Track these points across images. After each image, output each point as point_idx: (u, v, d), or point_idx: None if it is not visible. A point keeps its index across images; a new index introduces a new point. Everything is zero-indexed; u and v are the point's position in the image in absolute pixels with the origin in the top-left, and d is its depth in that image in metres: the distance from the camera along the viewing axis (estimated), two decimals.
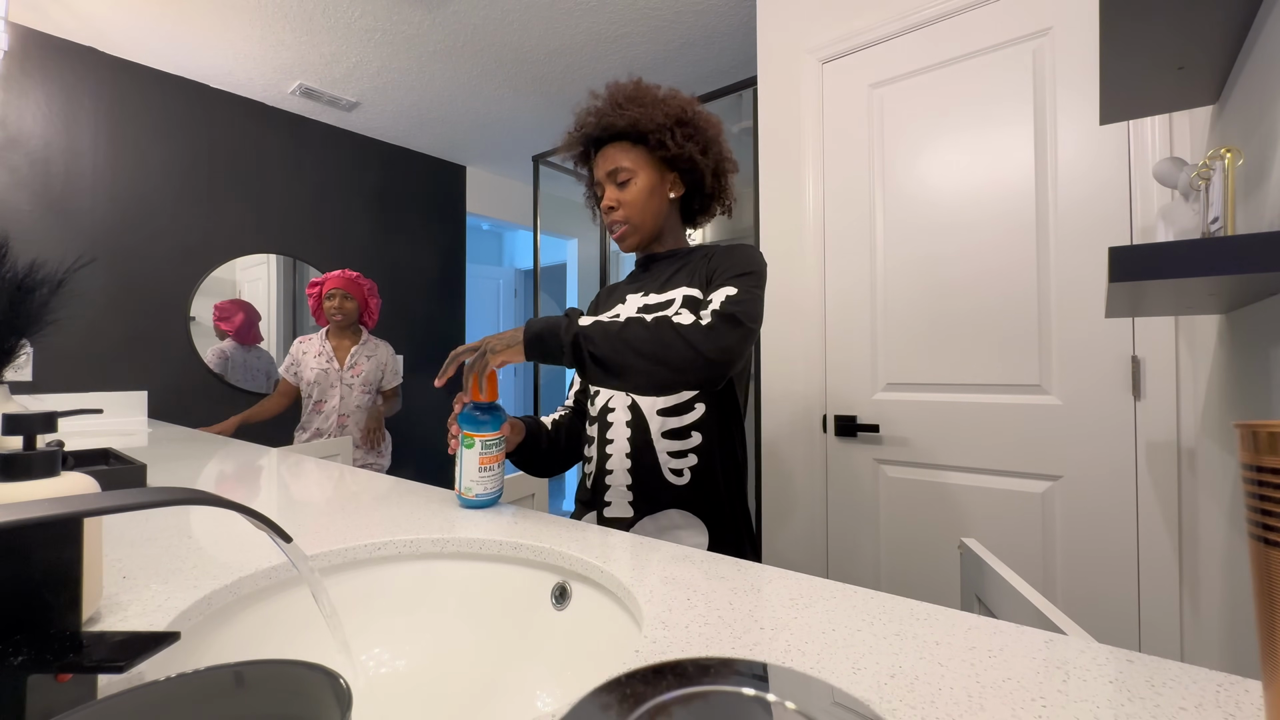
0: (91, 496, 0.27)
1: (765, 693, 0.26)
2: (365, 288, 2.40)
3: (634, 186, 0.93)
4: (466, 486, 0.78)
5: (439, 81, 2.62)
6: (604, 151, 0.96)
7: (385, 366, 2.44)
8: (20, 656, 0.30)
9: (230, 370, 2.77)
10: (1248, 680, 0.36)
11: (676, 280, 0.93)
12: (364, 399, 2.36)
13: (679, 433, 0.89)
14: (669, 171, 0.96)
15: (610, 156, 0.95)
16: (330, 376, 2.32)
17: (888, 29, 1.55)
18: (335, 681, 0.28)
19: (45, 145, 2.25)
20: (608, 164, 0.95)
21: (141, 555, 0.58)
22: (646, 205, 0.94)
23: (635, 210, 0.94)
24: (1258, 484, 0.27)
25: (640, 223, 0.95)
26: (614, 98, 0.94)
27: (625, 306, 0.97)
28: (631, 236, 0.97)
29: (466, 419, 0.78)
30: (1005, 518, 1.37)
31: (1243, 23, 0.73)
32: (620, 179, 0.94)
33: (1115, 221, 1.26)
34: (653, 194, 0.95)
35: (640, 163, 0.93)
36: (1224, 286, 0.63)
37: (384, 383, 2.44)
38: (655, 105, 0.92)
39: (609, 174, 0.95)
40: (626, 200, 0.94)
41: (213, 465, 1.20)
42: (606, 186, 0.96)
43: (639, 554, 0.60)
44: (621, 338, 0.74)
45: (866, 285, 1.59)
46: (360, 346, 2.39)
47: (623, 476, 0.91)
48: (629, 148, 0.94)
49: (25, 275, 1.12)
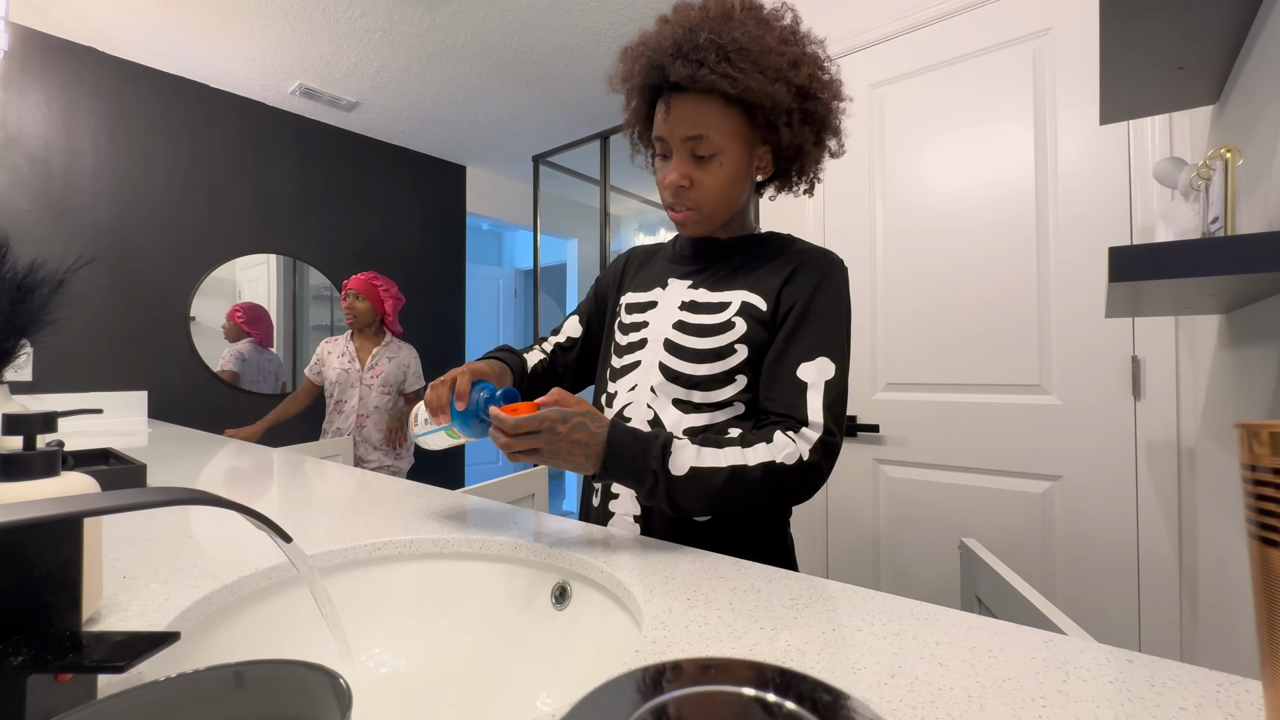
0: (91, 496, 0.27)
1: (766, 693, 0.26)
2: (380, 287, 2.39)
3: (718, 167, 0.70)
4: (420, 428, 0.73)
5: (439, 81, 2.62)
6: (683, 102, 0.68)
7: (407, 369, 2.43)
8: (20, 656, 0.30)
9: (246, 371, 2.79)
10: (1248, 680, 0.36)
11: (737, 279, 0.76)
12: (384, 400, 2.37)
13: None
14: (761, 145, 0.73)
15: (692, 115, 0.68)
16: (351, 376, 2.36)
17: (888, 29, 1.55)
18: (335, 681, 0.28)
19: (45, 145, 2.25)
20: (687, 124, 0.69)
21: (141, 555, 0.58)
22: (728, 193, 0.72)
23: (713, 197, 0.72)
24: (1258, 484, 0.27)
25: (714, 212, 0.74)
26: (718, 37, 0.66)
27: (666, 294, 0.80)
28: (698, 225, 0.75)
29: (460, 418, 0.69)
30: (1005, 518, 1.37)
31: (1242, 23, 0.73)
32: (700, 151, 0.69)
33: (1115, 221, 1.26)
34: (738, 180, 0.72)
35: (731, 135, 0.69)
36: (1224, 286, 0.63)
37: (406, 385, 2.44)
38: (779, 73, 0.67)
39: (686, 139, 0.70)
40: (704, 183, 0.71)
41: (213, 465, 1.20)
42: (677, 153, 0.71)
43: (639, 554, 0.60)
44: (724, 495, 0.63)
45: (866, 285, 1.59)
46: (382, 348, 2.41)
47: (630, 504, 0.74)
48: (721, 110, 0.68)
49: (25, 275, 1.12)
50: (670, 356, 0.75)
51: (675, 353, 0.75)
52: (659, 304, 0.79)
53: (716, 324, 0.73)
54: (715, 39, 0.66)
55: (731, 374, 0.72)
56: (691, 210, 0.73)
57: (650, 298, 0.81)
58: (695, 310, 0.75)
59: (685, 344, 0.74)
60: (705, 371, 0.72)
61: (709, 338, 0.73)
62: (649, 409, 0.75)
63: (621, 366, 0.81)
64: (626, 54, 0.74)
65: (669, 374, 0.74)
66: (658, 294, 0.80)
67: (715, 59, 0.65)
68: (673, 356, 0.75)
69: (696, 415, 0.72)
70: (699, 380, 0.73)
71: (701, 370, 0.73)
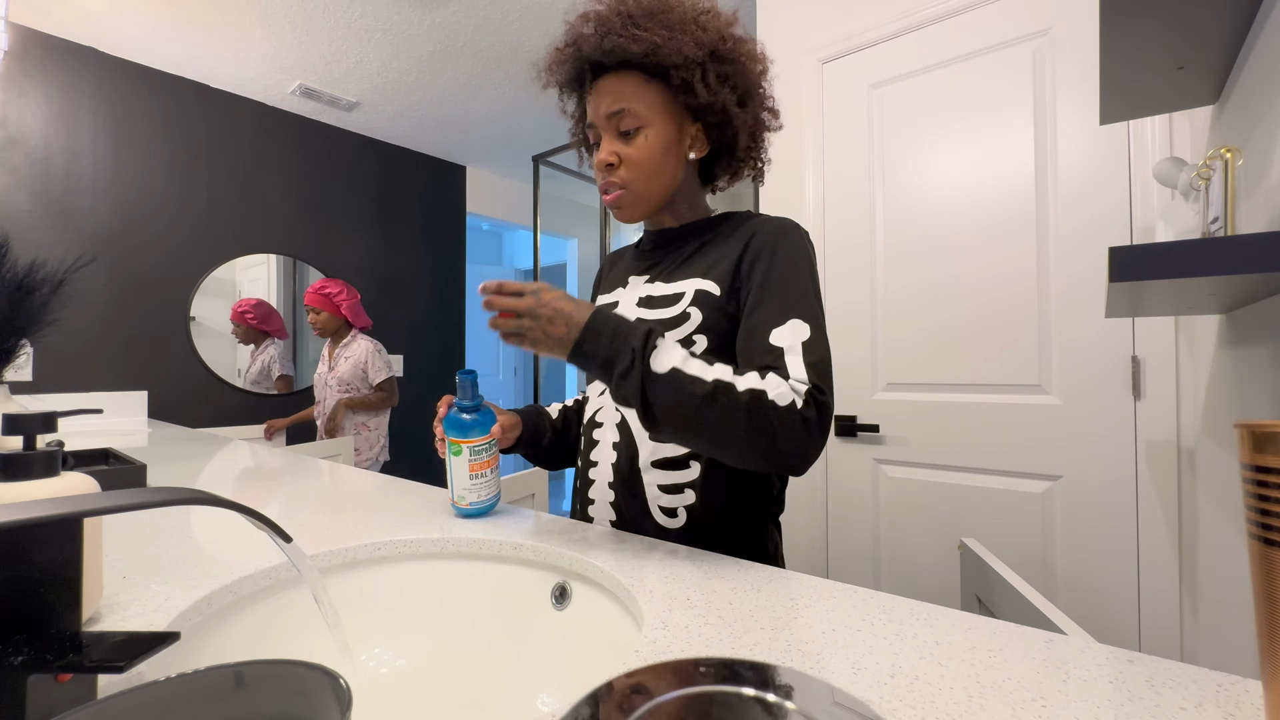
0: (91, 496, 0.27)
1: (765, 693, 0.26)
2: (332, 293, 2.39)
3: (642, 141, 0.70)
4: (459, 495, 0.72)
5: (439, 81, 2.62)
6: (604, 81, 0.71)
7: (364, 364, 2.40)
8: (20, 656, 0.30)
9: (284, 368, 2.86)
10: (1248, 680, 0.36)
11: (691, 267, 0.73)
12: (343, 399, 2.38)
13: (672, 462, 0.70)
14: (691, 123, 0.73)
15: (613, 91, 0.70)
16: (322, 379, 2.43)
17: (888, 29, 1.55)
18: (335, 681, 0.28)
19: (45, 145, 2.25)
20: (609, 101, 0.70)
21: (141, 555, 0.58)
22: (657, 168, 0.71)
23: (641, 173, 0.71)
24: (1258, 484, 0.27)
25: (646, 190, 0.72)
26: (623, 5, 0.69)
27: (627, 291, 0.78)
28: (631, 207, 0.73)
29: (452, 424, 0.71)
30: (1005, 518, 1.37)
31: (1243, 23, 0.73)
32: (624, 126, 0.70)
33: (1115, 221, 1.26)
34: (666, 153, 0.71)
35: (655, 108, 0.70)
36: (1224, 286, 0.63)
37: (370, 378, 2.41)
38: (684, 29, 0.68)
39: (609, 116, 0.70)
40: (631, 158, 0.70)
41: (213, 465, 1.20)
42: (605, 133, 0.72)
43: (639, 554, 0.60)
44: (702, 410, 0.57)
45: (866, 285, 1.59)
46: (341, 348, 2.42)
47: (605, 510, 0.74)
48: (642, 84, 0.69)
49: (25, 275, 1.12)
50: None
51: None
52: (619, 304, 0.78)
53: (671, 318, 0.71)
54: (620, 7, 0.69)
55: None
56: (622, 190, 0.72)
57: (613, 298, 0.80)
58: (651, 305, 0.73)
59: None
60: None
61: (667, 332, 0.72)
62: (617, 412, 0.74)
63: None
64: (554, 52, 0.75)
65: None
66: (619, 294, 0.79)
67: (621, 25, 0.68)
68: None
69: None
70: None
71: None
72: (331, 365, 2.41)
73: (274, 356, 2.83)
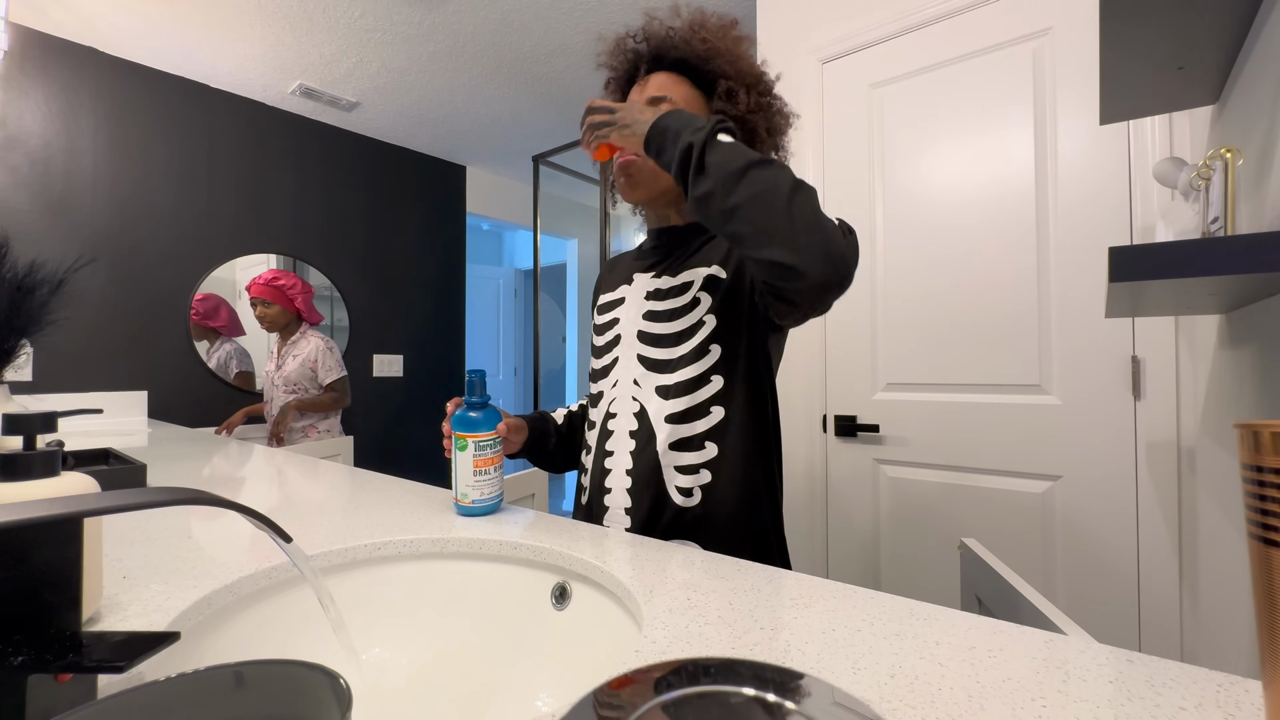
0: (91, 496, 0.27)
1: (766, 693, 0.26)
2: (285, 286, 2.27)
3: None
4: (462, 493, 0.74)
5: (439, 81, 2.62)
6: (654, 77, 0.79)
7: (313, 363, 2.26)
8: (20, 656, 0.30)
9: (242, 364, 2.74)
10: (1248, 680, 0.36)
11: (697, 258, 0.77)
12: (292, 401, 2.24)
13: (690, 443, 0.74)
14: None
15: (661, 84, 0.77)
16: (270, 378, 2.31)
17: (888, 29, 1.55)
18: (335, 681, 0.28)
19: (45, 145, 2.25)
20: (654, 88, 0.78)
21: (141, 555, 0.58)
22: None
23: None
24: (1258, 484, 0.27)
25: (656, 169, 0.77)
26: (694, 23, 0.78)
27: (632, 288, 0.82)
28: (640, 176, 0.77)
29: (459, 420, 0.74)
30: (1005, 518, 1.37)
31: (1242, 23, 0.73)
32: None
33: (1115, 221, 1.26)
34: None
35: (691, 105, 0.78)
36: (1224, 286, 0.63)
37: (320, 378, 2.27)
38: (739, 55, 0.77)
39: (650, 101, 0.77)
40: None
41: (213, 465, 1.20)
42: None
43: (639, 554, 0.60)
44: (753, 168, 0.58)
45: (866, 285, 1.59)
46: (289, 346, 2.30)
47: (621, 497, 0.77)
48: (688, 88, 0.78)
49: (25, 275, 1.12)
50: (646, 346, 0.77)
51: (649, 342, 0.77)
52: (626, 299, 0.82)
53: (682, 305, 0.76)
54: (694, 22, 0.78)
55: (705, 345, 0.74)
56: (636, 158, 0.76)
57: (618, 295, 0.84)
58: (660, 297, 0.78)
59: (657, 331, 0.77)
60: (681, 352, 0.75)
61: (677, 320, 0.76)
62: (634, 401, 0.78)
63: (602, 367, 0.83)
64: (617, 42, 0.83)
65: (648, 363, 0.77)
66: (624, 290, 0.83)
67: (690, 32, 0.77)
68: (648, 346, 0.77)
69: (678, 400, 0.75)
70: (675, 361, 0.75)
71: (677, 352, 0.75)
72: (279, 364, 2.27)
73: (230, 353, 2.68)
